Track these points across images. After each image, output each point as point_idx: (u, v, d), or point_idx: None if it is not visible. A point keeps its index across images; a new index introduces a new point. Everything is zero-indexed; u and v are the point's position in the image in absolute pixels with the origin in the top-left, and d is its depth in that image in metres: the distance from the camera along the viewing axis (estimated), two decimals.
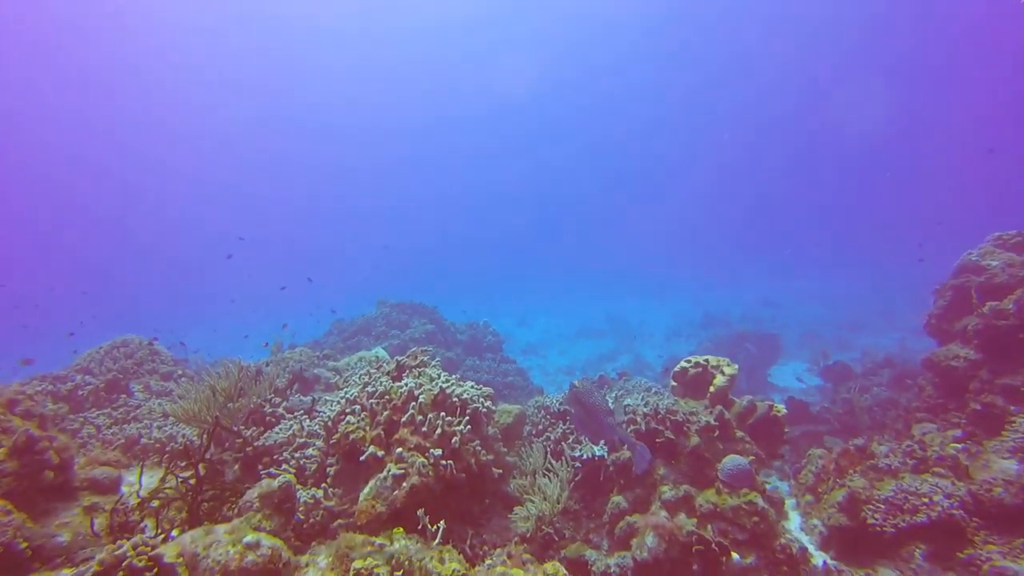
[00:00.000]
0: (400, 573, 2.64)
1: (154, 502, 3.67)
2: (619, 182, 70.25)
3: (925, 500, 4.36)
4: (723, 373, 5.43)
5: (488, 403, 4.37)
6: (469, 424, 3.97)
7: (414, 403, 4.01)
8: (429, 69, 56.79)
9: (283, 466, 4.36)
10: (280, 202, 68.69)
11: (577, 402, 3.75)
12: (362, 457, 3.81)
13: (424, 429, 3.88)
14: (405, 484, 3.58)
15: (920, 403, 6.87)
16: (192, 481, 3.66)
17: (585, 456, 4.80)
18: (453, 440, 3.83)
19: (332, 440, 4.17)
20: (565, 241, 72.20)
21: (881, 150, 52.23)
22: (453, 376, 4.45)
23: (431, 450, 3.72)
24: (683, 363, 5.76)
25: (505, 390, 11.77)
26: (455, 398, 4.11)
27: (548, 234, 74.06)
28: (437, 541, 3.12)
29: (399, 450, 3.80)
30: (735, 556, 4.09)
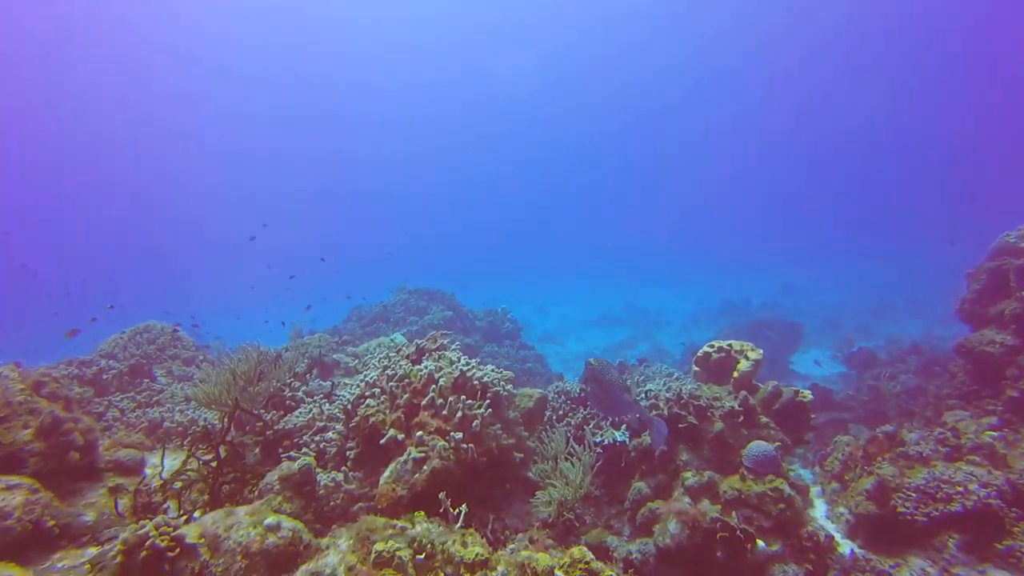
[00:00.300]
0: (422, 556, 2.60)
1: (176, 484, 3.68)
2: (638, 170, 69.60)
3: (960, 489, 4.22)
4: (747, 358, 5.31)
5: (509, 386, 4.30)
6: (490, 407, 3.92)
7: (434, 386, 3.96)
8: (439, 59, 56.96)
9: (303, 449, 4.36)
10: (293, 194, 69.26)
11: (593, 380, 3.67)
12: (382, 440, 3.78)
13: (444, 412, 3.84)
14: (426, 467, 3.54)
15: (952, 390, 6.69)
16: (213, 464, 3.67)
17: (606, 442, 4.72)
18: (474, 423, 3.78)
19: (352, 423, 4.15)
20: (584, 228, 71.85)
21: (906, 134, 50.95)
22: (473, 360, 4.40)
23: (452, 433, 3.67)
24: (706, 348, 5.65)
25: (524, 376, 11.73)
26: (475, 381, 4.06)
27: (567, 221, 73.71)
28: (459, 525, 3.08)
29: (419, 433, 3.76)
30: (760, 543, 4.01)
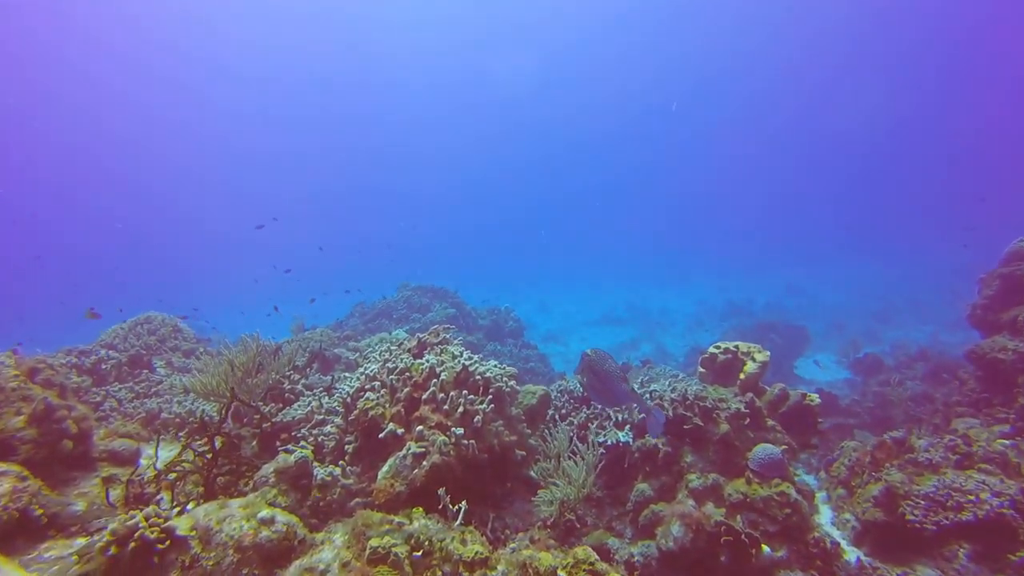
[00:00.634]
0: (420, 553, 2.52)
1: (171, 475, 3.61)
2: (639, 169, 69.36)
3: (971, 498, 4.11)
4: (754, 360, 5.22)
5: (512, 382, 4.22)
6: (492, 403, 3.83)
7: (435, 380, 3.87)
8: (440, 58, 57.00)
9: (301, 443, 4.28)
10: (297, 191, 69.26)
11: (590, 370, 3.56)
12: (381, 435, 3.70)
13: (446, 407, 3.75)
14: (425, 463, 3.45)
15: (961, 397, 6.58)
16: (209, 455, 3.60)
17: (610, 442, 4.64)
18: (475, 419, 3.69)
19: (351, 417, 4.07)
20: (587, 228, 71.72)
21: (909, 134, 50.67)
22: (476, 355, 4.31)
23: (453, 429, 3.58)
24: (712, 349, 5.55)
25: (526, 376, 11.66)
26: (478, 376, 3.97)
27: (570, 220, 73.58)
28: (459, 522, 2.99)
29: (419, 428, 3.67)
30: (765, 548, 3.92)
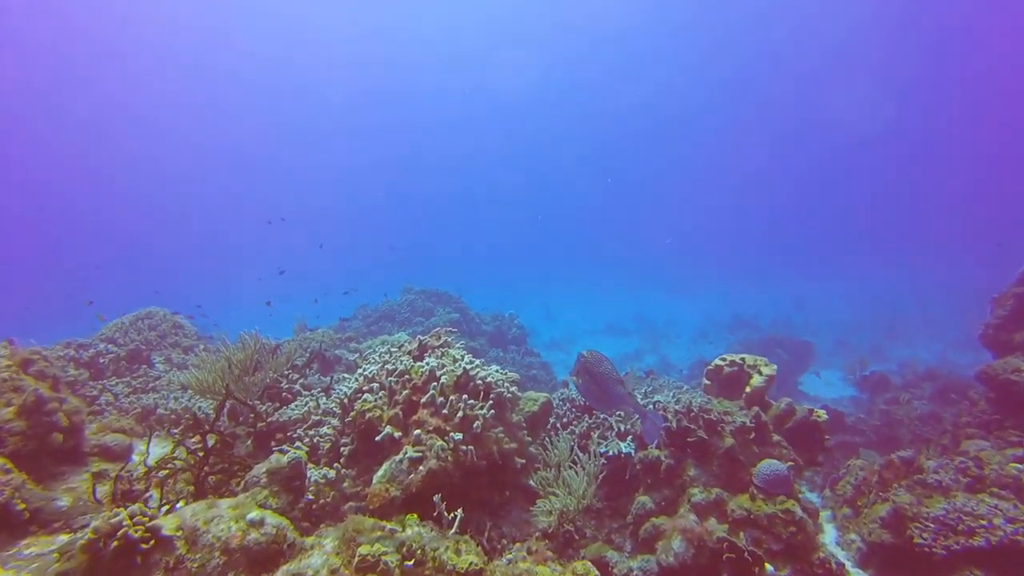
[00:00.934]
0: (411, 562, 2.42)
1: (161, 472, 3.53)
2: (645, 178, 69.20)
3: (983, 522, 3.99)
4: (760, 373, 5.11)
5: (514, 388, 4.12)
6: (492, 409, 3.73)
7: (435, 384, 3.78)
8: (443, 65, 56.83)
9: (296, 443, 4.19)
10: (301, 195, 69.18)
11: (586, 371, 3.47)
12: (378, 437, 3.61)
13: (445, 411, 3.66)
14: (422, 468, 3.36)
15: (971, 418, 6.44)
16: (201, 453, 3.51)
17: (611, 453, 4.55)
18: (475, 424, 3.59)
19: (347, 418, 3.98)
20: (592, 235, 71.62)
21: (918, 149, 50.31)
22: (478, 359, 4.22)
23: (451, 434, 3.49)
24: (718, 361, 5.45)
25: (529, 383, 11.55)
26: (479, 381, 3.87)
27: (575, 228, 73.47)
28: (454, 530, 2.89)
29: (417, 432, 3.58)
30: (769, 567, 3.81)
